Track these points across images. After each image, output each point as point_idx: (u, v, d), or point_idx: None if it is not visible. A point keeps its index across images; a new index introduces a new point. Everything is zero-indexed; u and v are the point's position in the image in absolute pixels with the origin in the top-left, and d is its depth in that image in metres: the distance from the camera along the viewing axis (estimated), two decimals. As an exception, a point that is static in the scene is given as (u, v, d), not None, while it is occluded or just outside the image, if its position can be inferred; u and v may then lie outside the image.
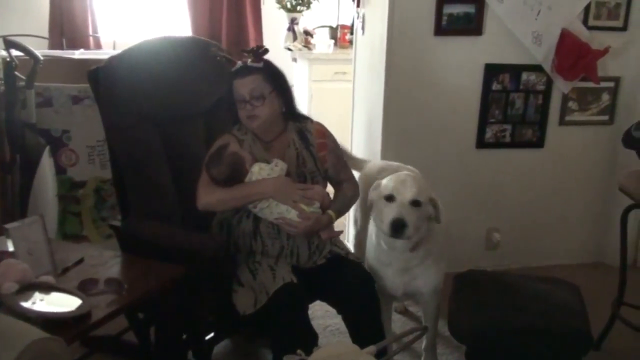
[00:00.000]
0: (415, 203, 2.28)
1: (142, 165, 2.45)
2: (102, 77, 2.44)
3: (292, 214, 2.26)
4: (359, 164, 3.10)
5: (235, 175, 2.26)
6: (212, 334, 2.51)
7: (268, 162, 2.31)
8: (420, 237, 2.36)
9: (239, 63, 2.31)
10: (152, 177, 2.46)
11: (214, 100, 2.63)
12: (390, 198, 2.30)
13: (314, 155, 2.42)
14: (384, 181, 2.37)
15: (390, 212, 2.27)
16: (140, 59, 2.52)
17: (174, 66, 2.56)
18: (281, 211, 2.26)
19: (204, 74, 2.60)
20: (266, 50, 2.34)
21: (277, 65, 2.40)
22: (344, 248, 2.52)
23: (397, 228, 2.24)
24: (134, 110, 2.44)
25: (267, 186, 2.24)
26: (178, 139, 2.57)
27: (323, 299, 2.48)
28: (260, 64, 2.29)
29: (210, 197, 2.28)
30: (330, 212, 2.36)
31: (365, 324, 2.33)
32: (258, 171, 2.27)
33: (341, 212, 2.45)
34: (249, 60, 2.30)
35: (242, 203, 2.29)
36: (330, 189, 2.48)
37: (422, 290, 2.52)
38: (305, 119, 2.49)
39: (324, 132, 2.49)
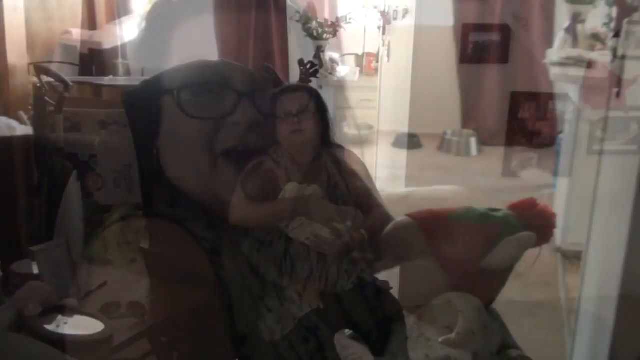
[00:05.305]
0: None
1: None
2: (135, 100, 2.48)
3: (325, 232, 2.25)
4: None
5: (268, 191, 2.27)
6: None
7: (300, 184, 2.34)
8: None
9: (286, 83, 2.39)
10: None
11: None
12: None
13: (346, 180, 2.43)
14: None
15: None
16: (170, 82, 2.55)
17: None
18: (314, 229, 2.25)
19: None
20: (317, 71, 2.48)
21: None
22: (371, 275, 2.49)
23: None
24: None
25: (300, 203, 2.25)
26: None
27: (350, 327, 2.44)
28: (309, 84, 2.43)
29: (244, 211, 2.28)
30: (362, 231, 2.34)
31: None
32: (291, 189, 2.28)
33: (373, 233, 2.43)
34: (298, 80, 2.43)
35: (275, 219, 2.28)
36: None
37: None
38: (339, 147, 2.52)
39: (356, 160, 2.52)
